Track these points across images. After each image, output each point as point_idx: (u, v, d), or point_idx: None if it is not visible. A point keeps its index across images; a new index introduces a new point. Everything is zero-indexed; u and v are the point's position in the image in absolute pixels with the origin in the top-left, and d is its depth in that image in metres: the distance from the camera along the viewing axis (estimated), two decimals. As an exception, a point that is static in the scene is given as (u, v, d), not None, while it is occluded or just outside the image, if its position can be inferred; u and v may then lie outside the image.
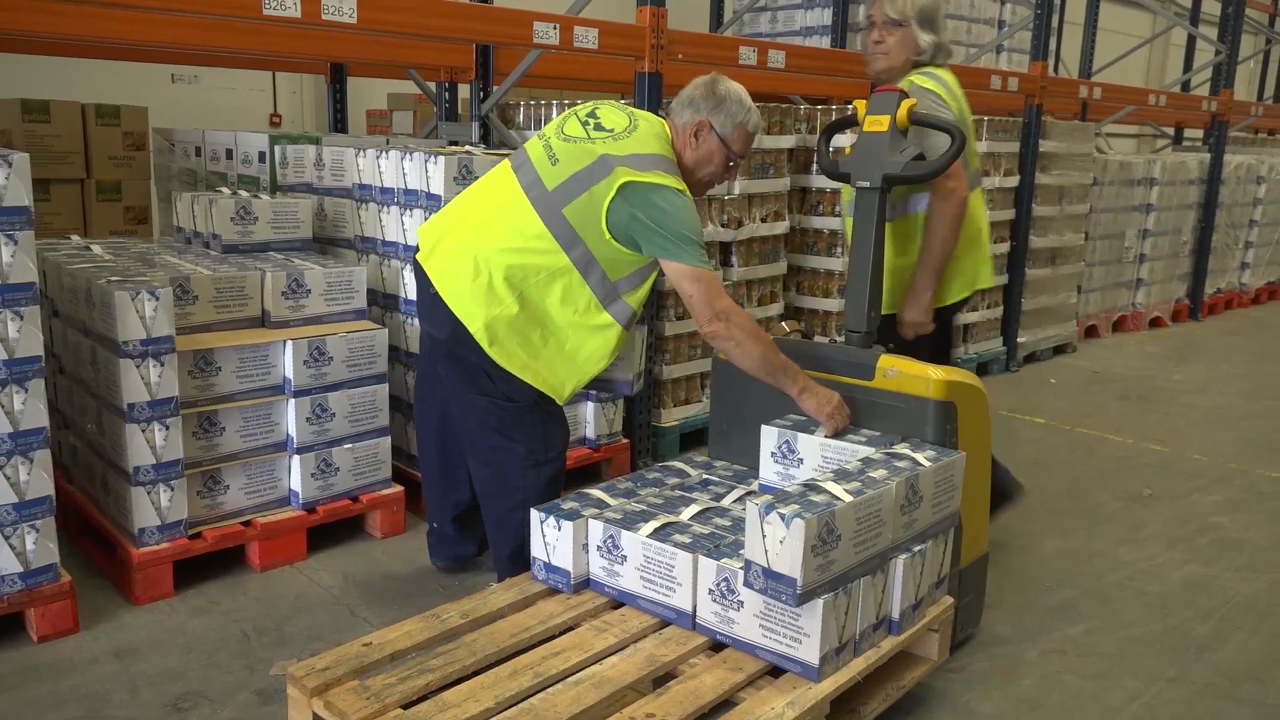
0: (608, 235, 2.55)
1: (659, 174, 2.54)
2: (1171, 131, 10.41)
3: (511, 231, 2.58)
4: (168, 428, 2.92)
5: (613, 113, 2.70)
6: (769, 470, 2.68)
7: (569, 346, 2.61)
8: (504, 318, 2.54)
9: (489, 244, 2.58)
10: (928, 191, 2.95)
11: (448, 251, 2.65)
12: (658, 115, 2.86)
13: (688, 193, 2.59)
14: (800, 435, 2.60)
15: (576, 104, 2.86)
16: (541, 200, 2.58)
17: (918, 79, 2.99)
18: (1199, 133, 9.49)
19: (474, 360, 2.59)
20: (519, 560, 2.70)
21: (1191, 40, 10.17)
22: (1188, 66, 10.30)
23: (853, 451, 2.51)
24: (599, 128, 2.63)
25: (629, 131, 2.63)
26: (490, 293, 2.54)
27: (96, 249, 3.53)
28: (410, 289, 3.57)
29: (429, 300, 2.65)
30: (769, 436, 2.67)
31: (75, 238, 3.82)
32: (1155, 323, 7.86)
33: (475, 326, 2.55)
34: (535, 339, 2.58)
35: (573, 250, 2.55)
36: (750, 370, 2.60)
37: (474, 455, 2.78)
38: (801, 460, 2.61)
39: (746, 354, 2.58)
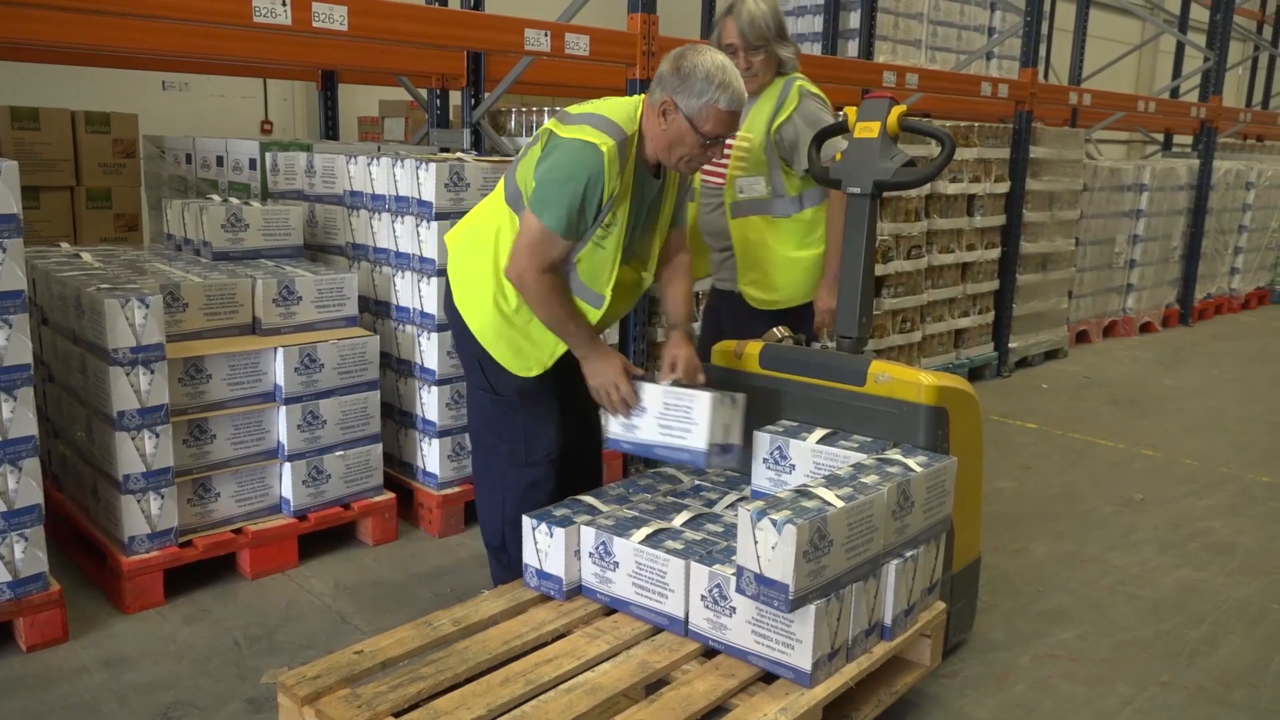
0: None
1: (583, 128, 2.38)
2: (1161, 137, 10.46)
3: (491, 205, 2.63)
4: (158, 435, 2.91)
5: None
6: (761, 476, 2.67)
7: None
8: (481, 285, 2.56)
9: (481, 221, 2.63)
10: (817, 187, 3.04)
11: (460, 235, 2.71)
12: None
13: (606, 150, 2.35)
14: (792, 441, 2.60)
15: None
16: (508, 169, 2.62)
17: (807, 85, 3.12)
18: (1188, 139, 9.54)
19: (468, 343, 2.62)
20: (501, 555, 2.74)
21: (1180, 47, 10.23)
22: (1177, 73, 10.36)
23: (844, 457, 2.51)
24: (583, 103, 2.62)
25: (597, 102, 2.55)
26: (472, 263, 2.59)
27: (86, 256, 3.52)
28: (401, 295, 3.57)
29: (445, 282, 2.72)
30: (761, 442, 2.66)
31: (65, 245, 3.81)
32: (1146, 328, 7.89)
33: (458, 296, 2.61)
34: (504, 307, 2.54)
35: (521, 213, 2.49)
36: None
37: (472, 443, 2.85)
38: (793, 466, 2.60)
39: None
